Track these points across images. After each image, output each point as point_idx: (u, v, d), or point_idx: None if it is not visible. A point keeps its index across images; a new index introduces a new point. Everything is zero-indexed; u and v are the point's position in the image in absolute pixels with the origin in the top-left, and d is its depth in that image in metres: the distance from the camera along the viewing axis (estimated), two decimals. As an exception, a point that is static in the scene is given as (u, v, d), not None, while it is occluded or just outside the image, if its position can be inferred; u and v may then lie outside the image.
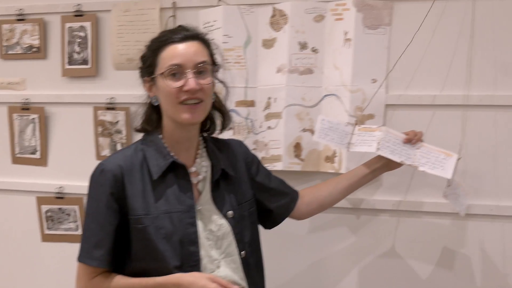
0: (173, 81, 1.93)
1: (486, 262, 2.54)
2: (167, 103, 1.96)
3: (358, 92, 2.56)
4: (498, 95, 2.47)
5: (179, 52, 1.93)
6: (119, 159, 2.00)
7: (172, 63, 1.92)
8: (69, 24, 2.96)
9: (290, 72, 2.63)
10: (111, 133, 2.95)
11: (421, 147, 2.31)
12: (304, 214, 2.34)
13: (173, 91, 1.93)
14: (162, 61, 1.94)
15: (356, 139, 2.38)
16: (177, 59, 1.92)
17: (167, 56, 1.94)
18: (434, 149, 2.31)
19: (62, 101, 3.01)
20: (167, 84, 1.93)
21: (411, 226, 2.63)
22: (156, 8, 2.82)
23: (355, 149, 2.37)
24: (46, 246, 3.12)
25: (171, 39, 1.95)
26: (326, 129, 2.38)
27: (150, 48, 1.99)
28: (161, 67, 1.94)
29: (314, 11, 2.63)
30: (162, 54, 1.94)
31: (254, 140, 2.71)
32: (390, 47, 2.56)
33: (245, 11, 2.70)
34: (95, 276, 2.02)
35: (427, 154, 2.30)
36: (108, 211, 1.96)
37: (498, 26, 2.46)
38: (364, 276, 2.70)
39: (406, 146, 2.30)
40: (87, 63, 2.95)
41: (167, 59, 1.93)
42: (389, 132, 2.31)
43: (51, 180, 3.07)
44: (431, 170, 2.29)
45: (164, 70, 1.93)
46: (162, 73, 1.94)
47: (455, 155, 2.30)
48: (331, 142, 2.40)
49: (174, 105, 1.94)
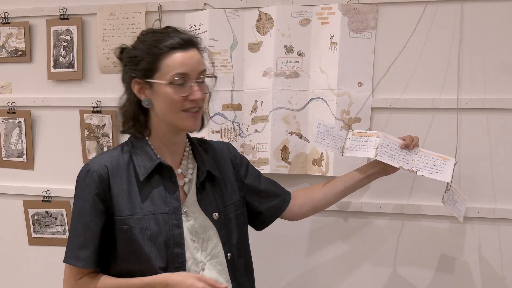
0: (177, 90, 1.91)
1: (484, 264, 2.56)
2: (169, 110, 1.94)
3: (344, 96, 2.57)
4: (488, 98, 2.49)
5: (185, 61, 1.91)
6: (105, 159, 2.00)
7: (179, 72, 1.90)
8: (55, 28, 2.95)
9: (276, 75, 2.64)
10: (97, 137, 2.95)
11: (419, 152, 2.32)
12: (297, 215, 2.33)
13: (178, 99, 1.91)
14: (165, 68, 1.90)
15: (350, 144, 2.38)
16: (183, 68, 1.90)
17: (172, 64, 1.90)
18: (431, 154, 2.32)
19: (48, 105, 3.00)
20: (171, 92, 1.91)
21: (407, 229, 2.65)
22: (142, 12, 2.82)
23: (351, 154, 2.37)
24: (33, 249, 3.11)
25: (174, 46, 1.91)
26: (322, 133, 2.38)
27: (148, 51, 1.92)
28: (164, 74, 1.91)
29: (300, 15, 2.63)
30: (166, 60, 1.90)
31: (241, 143, 2.71)
32: (376, 51, 2.57)
33: (231, 15, 2.70)
34: (82, 277, 2.02)
35: (425, 159, 2.31)
36: (93, 212, 1.96)
37: (486, 29, 2.48)
38: (357, 280, 2.71)
39: (403, 151, 2.31)
40: (73, 67, 2.94)
41: (173, 67, 1.90)
42: (386, 138, 2.32)
43: (38, 184, 3.06)
44: (430, 174, 2.30)
45: (170, 78, 1.90)
46: (166, 80, 1.91)
47: (452, 159, 2.31)
48: (327, 147, 2.39)
49: (177, 112, 1.93)
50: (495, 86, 2.48)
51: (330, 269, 2.73)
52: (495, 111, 2.49)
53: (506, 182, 2.51)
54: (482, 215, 2.53)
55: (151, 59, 1.91)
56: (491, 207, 2.53)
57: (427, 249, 2.61)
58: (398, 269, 2.65)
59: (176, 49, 1.91)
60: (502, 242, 2.54)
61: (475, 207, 2.53)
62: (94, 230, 1.96)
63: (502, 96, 2.48)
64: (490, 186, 2.52)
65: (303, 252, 2.75)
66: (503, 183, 2.52)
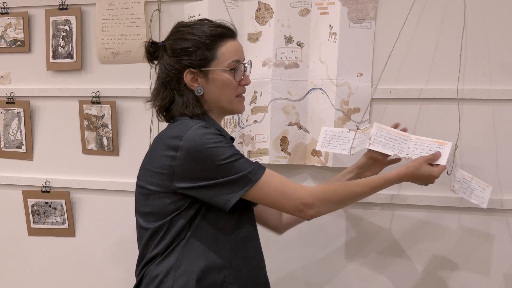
0: (233, 75, 2.04)
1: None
2: (224, 95, 2.06)
3: (343, 86, 2.57)
4: (485, 89, 2.48)
5: (238, 48, 2.07)
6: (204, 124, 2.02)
7: (235, 59, 2.04)
8: (54, 18, 2.94)
9: (276, 66, 2.63)
10: (97, 127, 2.94)
11: (415, 140, 2.30)
12: (285, 225, 2.40)
13: (234, 84, 2.05)
14: (222, 56, 2.02)
15: (356, 142, 2.38)
16: (237, 55, 2.06)
17: (228, 51, 2.03)
18: (427, 139, 2.29)
19: (47, 95, 3.00)
20: (228, 78, 2.04)
21: (397, 220, 2.65)
22: (141, 2, 2.81)
23: (355, 151, 2.37)
24: (33, 240, 3.11)
25: (227, 35, 2.05)
26: (328, 138, 2.41)
27: (204, 41, 2.02)
28: (222, 61, 2.03)
29: (300, 5, 2.62)
30: (222, 48, 2.03)
31: (241, 134, 2.71)
32: (375, 41, 2.56)
33: (231, 5, 2.69)
34: None
35: (420, 146, 2.27)
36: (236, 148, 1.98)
37: (489, 19, 2.47)
38: (348, 270, 2.72)
39: (398, 139, 2.29)
40: (72, 57, 2.94)
41: (229, 54, 2.03)
42: (380, 128, 2.31)
43: (37, 174, 3.07)
44: None
45: (228, 65, 2.03)
46: (225, 67, 2.03)
47: (449, 143, 2.25)
48: (334, 149, 2.42)
49: (233, 97, 2.07)
50: (498, 77, 2.48)
51: (321, 260, 2.74)
52: (499, 102, 2.48)
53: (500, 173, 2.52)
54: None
55: (208, 48, 2.02)
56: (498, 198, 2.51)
57: (418, 240, 2.62)
58: (391, 260, 2.66)
59: (229, 38, 2.05)
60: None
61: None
62: None
63: (505, 86, 2.47)
64: (495, 176, 2.52)
65: (295, 244, 2.75)
66: (496, 173, 2.52)
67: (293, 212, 2.01)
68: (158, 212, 2.01)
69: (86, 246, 3.04)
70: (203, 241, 1.98)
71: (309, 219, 2.03)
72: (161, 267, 1.99)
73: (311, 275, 2.76)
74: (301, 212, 1.99)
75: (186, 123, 1.98)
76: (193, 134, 1.92)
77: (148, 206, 2.04)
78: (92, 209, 3.02)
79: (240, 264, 2.01)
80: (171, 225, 1.99)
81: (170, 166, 1.95)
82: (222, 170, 1.92)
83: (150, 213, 2.03)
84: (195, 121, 1.99)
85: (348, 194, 2.07)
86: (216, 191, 1.93)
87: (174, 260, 1.97)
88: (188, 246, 1.98)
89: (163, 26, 2.81)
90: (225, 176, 1.92)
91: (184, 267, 1.96)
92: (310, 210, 1.99)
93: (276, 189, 1.97)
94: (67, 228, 3.04)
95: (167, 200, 1.98)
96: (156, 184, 1.99)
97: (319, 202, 1.99)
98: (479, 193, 2.34)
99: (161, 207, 2.00)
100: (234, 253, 2.00)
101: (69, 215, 3.03)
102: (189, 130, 1.93)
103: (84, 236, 3.05)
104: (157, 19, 2.82)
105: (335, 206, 2.12)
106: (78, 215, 3.04)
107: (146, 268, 2.03)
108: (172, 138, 1.96)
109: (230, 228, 2.00)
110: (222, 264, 1.98)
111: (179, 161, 1.93)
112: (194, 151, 1.92)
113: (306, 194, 1.98)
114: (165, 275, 1.97)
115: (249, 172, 1.93)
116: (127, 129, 2.94)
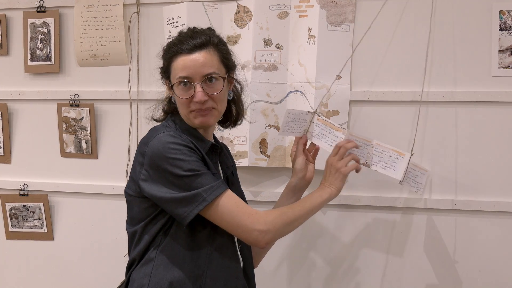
0: (183, 92, 1.99)
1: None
2: (180, 109, 2.03)
3: (322, 89, 2.58)
4: (458, 91, 2.51)
5: (187, 64, 1.98)
6: (171, 130, 2.00)
7: (181, 76, 1.98)
8: (32, 20, 2.93)
9: (255, 68, 2.63)
10: (75, 130, 2.93)
11: (375, 145, 2.31)
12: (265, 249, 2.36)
13: (184, 101, 2.00)
14: (173, 71, 2.01)
15: (314, 129, 2.35)
16: (185, 71, 1.98)
17: (177, 67, 2.00)
18: (387, 147, 2.31)
19: (25, 98, 2.98)
20: (179, 94, 2.00)
21: (385, 221, 2.66)
22: (119, 4, 2.80)
23: (313, 140, 2.35)
24: (11, 243, 3.09)
25: (181, 50, 1.99)
26: (290, 122, 2.35)
27: (164, 55, 2.06)
28: (173, 77, 2.01)
29: (278, 7, 2.63)
30: (173, 64, 2.01)
31: (220, 137, 2.70)
32: (354, 44, 2.58)
33: (209, 8, 2.69)
34: None
35: (380, 153, 2.30)
36: (201, 163, 1.94)
37: (458, 22, 2.50)
38: (336, 273, 2.72)
39: (362, 145, 2.29)
40: (50, 60, 2.93)
41: (177, 70, 1.99)
42: (351, 135, 2.30)
43: (15, 177, 3.04)
44: (383, 170, 2.31)
45: (175, 81, 2.00)
46: (173, 83, 2.00)
47: (407, 154, 2.31)
48: (292, 133, 2.36)
49: (187, 113, 2.01)
50: (465, 79, 2.51)
51: (309, 263, 2.74)
52: (476, 104, 2.51)
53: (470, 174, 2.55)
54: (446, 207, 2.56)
55: (166, 63, 2.05)
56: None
57: (405, 241, 2.63)
58: (379, 260, 2.67)
59: (181, 54, 1.99)
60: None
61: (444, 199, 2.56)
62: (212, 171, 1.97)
63: (482, 89, 2.50)
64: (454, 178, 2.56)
65: (282, 246, 2.75)
66: (466, 175, 2.55)
67: (246, 239, 1.97)
68: (135, 217, 2.02)
69: (64, 249, 3.02)
70: (178, 249, 1.97)
71: (262, 247, 1.98)
72: (140, 274, 1.99)
73: (290, 277, 2.77)
74: (255, 240, 1.95)
75: (157, 130, 2.00)
76: (157, 142, 1.92)
77: (129, 211, 2.06)
78: (70, 213, 3.00)
79: (216, 274, 1.99)
80: (145, 230, 1.99)
81: (139, 172, 1.96)
82: (178, 184, 1.90)
83: (130, 217, 2.06)
84: (165, 128, 2.00)
85: (298, 213, 2.05)
86: (172, 205, 1.91)
87: (151, 268, 1.97)
88: (164, 253, 1.97)
89: (142, 29, 2.81)
90: (181, 190, 1.90)
91: (159, 276, 1.95)
92: (265, 237, 1.95)
93: (230, 213, 1.93)
94: (46, 231, 3.02)
95: (142, 205, 1.99)
96: (133, 190, 2.00)
97: (273, 227, 1.96)
98: (419, 179, 2.37)
99: (137, 212, 2.01)
100: (210, 262, 1.98)
101: (48, 219, 3.01)
102: (155, 137, 1.94)
103: (63, 239, 3.03)
104: (136, 22, 2.81)
105: (288, 228, 2.04)
106: (56, 218, 3.02)
107: (130, 272, 2.04)
108: (142, 144, 1.98)
109: (205, 237, 1.99)
110: (198, 273, 1.96)
111: (144, 167, 1.94)
112: (155, 159, 1.91)
113: (261, 220, 1.94)
114: (141, 285, 1.97)
115: (204, 191, 1.89)
116: (106, 132, 2.92)
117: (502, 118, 2.49)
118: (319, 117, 2.36)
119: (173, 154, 1.89)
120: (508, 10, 2.45)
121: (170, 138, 1.92)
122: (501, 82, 2.48)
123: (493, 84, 2.48)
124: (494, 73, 2.48)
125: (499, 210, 2.51)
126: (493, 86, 2.48)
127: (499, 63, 2.46)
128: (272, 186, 2.73)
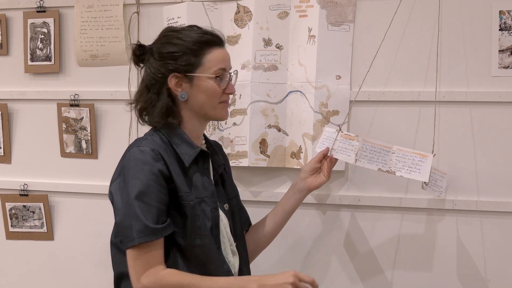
0: (219, 83, 2.05)
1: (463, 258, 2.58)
2: (208, 102, 2.06)
3: (322, 89, 2.58)
4: (458, 91, 2.50)
5: (225, 56, 2.08)
6: (153, 144, 2.01)
7: (221, 67, 2.05)
8: (32, 20, 2.93)
9: (255, 68, 2.63)
10: (75, 130, 2.93)
11: (397, 151, 2.31)
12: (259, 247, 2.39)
13: (218, 92, 2.06)
14: (208, 63, 2.03)
15: (338, 145, 2.38)
16: (224, 63, 2.07)
17: (214, 58, 2.04)
18: (409, 151, 2.31)
19: (25, 98, 2.98)
20: (213, 85, 2.05)
21: (386, 222, 2.65)
22: (119, 4, 2.80)
23: (336, 156, 2.37)
24: (11, 243, 3.09)
25: (215, 42, 2.06)
26: (324, 140, 2.40)
27: (192, 47, 2.03)
28: (207, 68, 2.03)
29: (278, 7, 2.63)
30: (208, 55, 2.04)
31: (220, 137, 2.71)
32: (354, 44, 2.58)
33: (209, 8, 2.70)
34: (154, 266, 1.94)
35: (403, 158, 2.30)
36: (159, 187, 1.95)
37: (458, 22, 2.49)
38: (335, 273, 2.72)
39: (382, 152, 2.31)
40: (50, 60, 2.93)
41: (215, 61, 2.04)
42: (365, 141, 2.31)
43: (15, 178, 3.04)
44: (408, 174, 2.30)
45: (214, 72, 2.04)
46: (210, 74, 2.03)
47: (430, 155, 2.30)
48: (320, 148, 2.41)
49: (216, 104, 2.07)
50: (465, 79, 2.50)
51: (308, 263, 2.74)
52: (476, 104, 2.50)
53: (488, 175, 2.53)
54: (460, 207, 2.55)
55: (195, 54, 2.03)
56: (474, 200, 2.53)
57: (405, 242, 2.62)
58: (379, 261, 2.66)
59: (216, 46, 2.06)
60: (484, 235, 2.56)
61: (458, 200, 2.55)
62: (165, 202, 1.96)
63: (482, 89, 2.49)
64: (473, 178, 2.54)
65: (282, 246, 2.74)
66: (474, 176, 2.53)
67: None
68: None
69: (64, 249, 3.02)
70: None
71: None
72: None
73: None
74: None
75: (138, 141, 2.06)
76: (130, 156, 1.99)
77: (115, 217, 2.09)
78: (70, 213, 3.00)
79: (196, 273, 1.97)
80: None
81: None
82: (126, 204, 1.95)
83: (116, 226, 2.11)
84: (144, 140, 2.03)
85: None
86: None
87: None
88: None
89: (142, 29, 2.81)
90: (125, 213, 1.96)
91: None
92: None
93: (132, 263, 1.95)
94: (46, 231, 3.02)
95: None
96: None
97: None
98: (439, 183, 2.37)
99: None
100: (188, 261, 2.01)
101: (48, 219, 3.01)
102: (130, 151, 2.00)
103: (63, 239, 3.03)
104: (136, 22, 2.81)
105: None
106: (56, 218, 3.02)
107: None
108: (124, 153, 2.07)
109: (180, 236, 2.00)
110: None
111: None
112: (123, 172, 1.99)
113: (150, 278, 1.91)
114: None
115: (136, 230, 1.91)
116: (106, 132, 2.92)
117: (502, 118, 2.48)
118: (342, 133, 2.39)
119: (131, 172, 1.96)
120: (508, 10, 2.44)
121: (140, 154, 1.98)
122: (501, 82, 2.47)
123: (493, 84, 2.48)
124: (494, 73, 2.47)
125: (499, 210, 2.50)
126: (493, 86, 2.48)
127: (499, 63, 2.46)
128: (272, 186, 2.73)
